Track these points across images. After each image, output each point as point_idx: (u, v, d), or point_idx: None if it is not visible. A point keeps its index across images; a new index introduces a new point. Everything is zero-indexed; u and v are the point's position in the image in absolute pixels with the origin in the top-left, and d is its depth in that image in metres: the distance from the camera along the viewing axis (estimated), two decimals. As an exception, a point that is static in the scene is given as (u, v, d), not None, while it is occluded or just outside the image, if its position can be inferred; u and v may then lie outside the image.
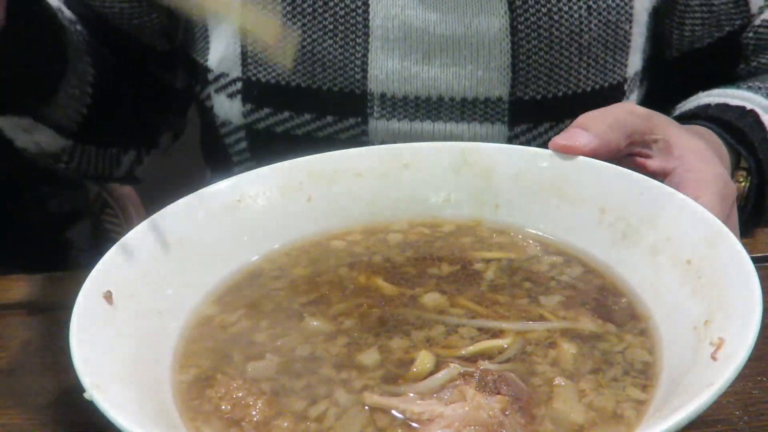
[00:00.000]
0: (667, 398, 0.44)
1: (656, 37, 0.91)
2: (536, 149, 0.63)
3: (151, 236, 0.56)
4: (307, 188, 0.64)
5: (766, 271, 0.50)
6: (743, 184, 0.81)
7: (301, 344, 0.53)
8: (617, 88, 0.88)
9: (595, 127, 0.63)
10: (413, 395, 0.48)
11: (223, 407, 0.48)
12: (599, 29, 0.84)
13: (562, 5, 0.83)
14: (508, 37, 0.83)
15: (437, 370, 0.49)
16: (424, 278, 0.59)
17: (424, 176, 0.66)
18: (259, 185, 0.63)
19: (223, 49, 0.87)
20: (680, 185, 0.60)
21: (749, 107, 0.85)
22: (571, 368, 0.50)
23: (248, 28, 0.67)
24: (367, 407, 0.47)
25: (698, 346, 0.45)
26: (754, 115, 0.84)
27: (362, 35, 0.83)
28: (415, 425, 0.46)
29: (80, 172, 0.93)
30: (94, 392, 0.41)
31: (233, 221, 0.61)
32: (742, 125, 0.83)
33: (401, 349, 0.52)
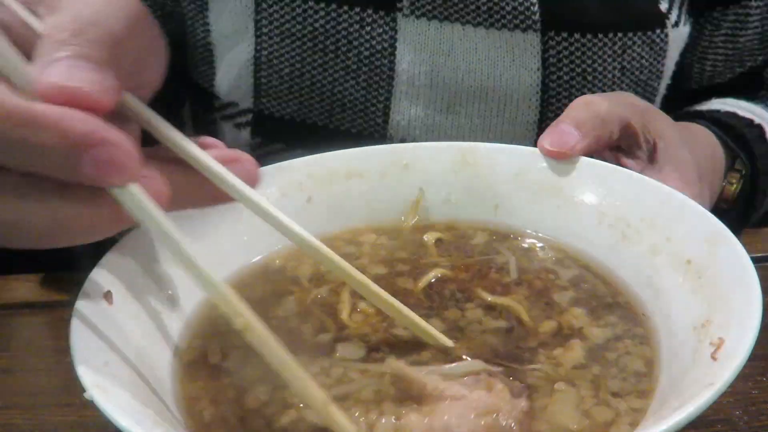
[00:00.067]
0: (667, 398, 0.44)
1: (676, 71, 0.89)
2: (536, 149, 0.63)
3: (151, 236, 0.56)
4: (307, 188, 0.64)
5: (766, 271, 0.50)
6: (735, 187, 0.81)
7: (305, 341, 0.53)
8: None
9: (584, 123, 0.62)
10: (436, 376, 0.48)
11: (223, 407, 0.48)
12: (629, 89, 0.82)
13: (596, 66, 0.80)
14: (538, 93, 0.81)
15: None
16: (426, 274, 0.59)
17: (424, 176, 0.66)
18: (258, 185, 0.63)
19: (233, 78, 0.84)
20: None
21: (757, 122, 0.84)
22: (570, 368, 0.50)
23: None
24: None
25: (698, 346, 0.45)
26: (760, 129, 0.83)
27: (387, 78, 0.81)
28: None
29: None
30: (94, 392, 0.41)
31: (233, 221, 0.61)
32: (745, 132, 0.82)
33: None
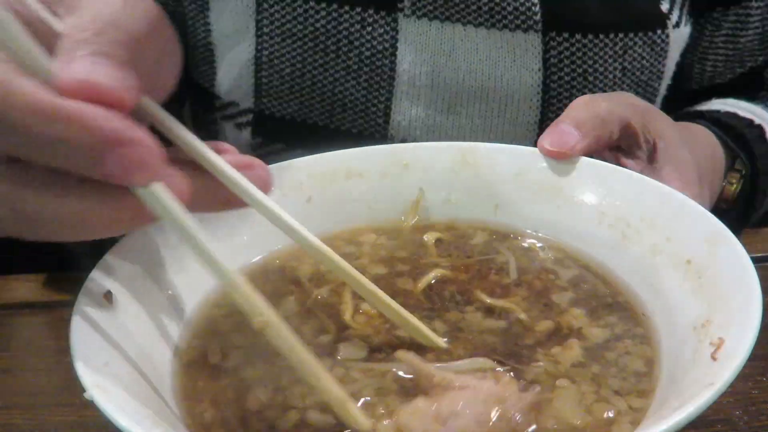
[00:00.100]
0: (667, 398, 0.44)
1: (676, 71, 0.89)
2: (536, 149, 0.63)
3: (150, 236, 0.56)
4: (307, 188, 0.64)
5: (766, 271, 0.50)
6: (735, 187, 0.81)
7: (306, 342, 0.53)
8: None
9: (584, 123, 0.62)
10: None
11: (224, 406, 0.48)
12: (630, 89, 0.82)
13: (597, 66, 0.80)
14: (539, 94, 0.81)
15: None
16: (426, 275, 0.59)
17: (424, 176, 0.66)
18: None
19: (234, 78, 0.84)
20: None
21: (757, 122, 0.84)
22: (569, 366, 0.50)
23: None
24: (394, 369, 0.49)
25: (698, 346, 0.45)
26: (760, 129, 0.83)
27: (387, 79, 0.80)
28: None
29: None
30: (94, 392, 0.41)
31: (233, 221, 0.61)
32: (745, 132, 0.82)
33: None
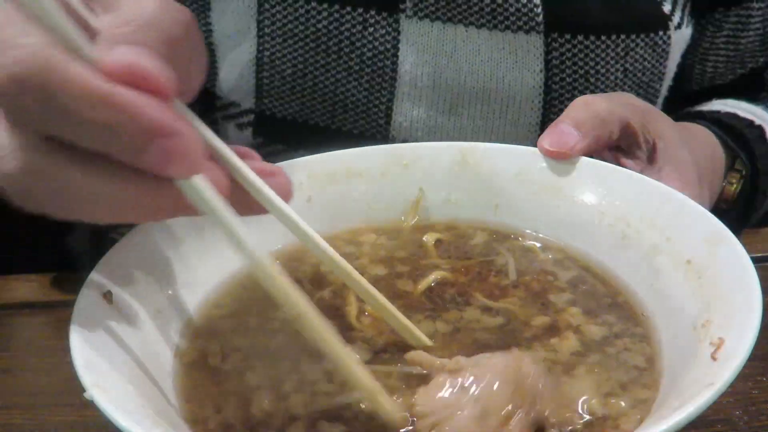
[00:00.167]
0: (667, 398, 0.44)
1: (677, 72, 0.89)
2: (536, 149, 0.63)
3: (151, 236, 0.56)
4: (307, 188, 0.64)
5: (766, 271, 0.50)
6: (735, 187, 0.81)
7: (308, 344, 0.53)
8: None
9: (584, 123, 0.62)
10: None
11: (224, 406, 0.48)
12: (632, 90, 0.82)
13: (599, 68, 0.80)
14: (541, 95, 0.80)
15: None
16: (426, 276, 0.59)
17: (424, 176, 0.66)
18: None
19: (235, 78, 0.84)
20: None
21: (758, 122, 0.84)
22: (568, 355, 0.50)
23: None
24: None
25: (698, 346, 0.45)
26: (760, 130, 0.83)
27: (389, 80, 0.80)
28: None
29: None
30: (94, 392, 0.41)
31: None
32: (745, 132, 0.82)
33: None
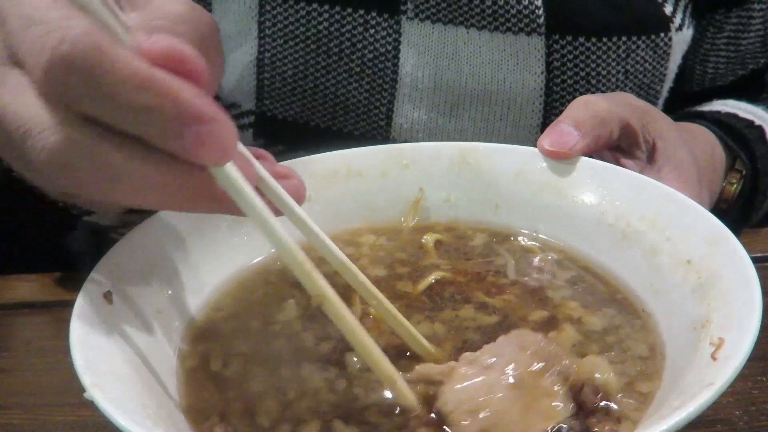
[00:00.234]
0: (667, 398, 0.44)
1: (678, 73, 0.88)
2: (536, 149, 0.63)
3: (151, 236, 0.56)
4: (307, 188, 0.64)
5: (766, 271, 0.50)
6: (735, 187, 0.81)
7: (308, 347, 0.53)
8: None
9: (584, 123, 0.62)
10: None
11: (225, 406, 0.48)
12: (633, 92, 0.82)
13: (600, 69, 0.80)
14: (542, 97, 0.80)
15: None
16: (426, 277, 0.59)
17: (424, 176, 0.66)
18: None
19: (236, 79, 0.83)
20: None
21: (758, 123, 0.84)
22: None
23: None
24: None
25: (698, 346, 0.45)
26: (760, 130, 0.83)
27: (390, 81, 0.80)
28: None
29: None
30: (94, 392, 0.41)
31: (234, 221, 0.61)
32: (745, 133, 0.82)
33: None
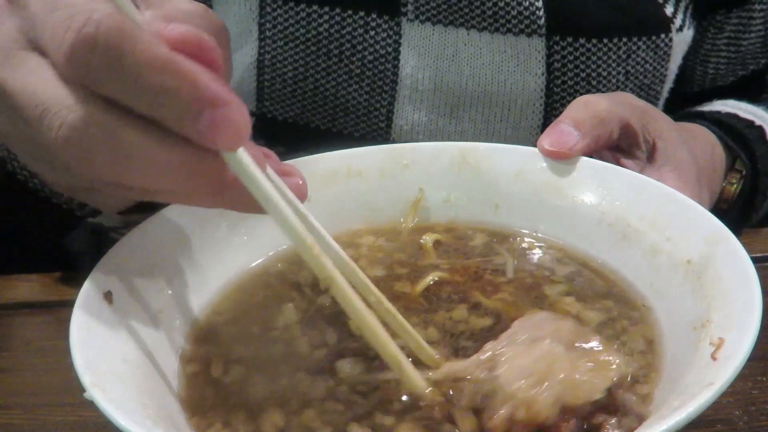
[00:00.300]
0: (667, 398, 0.44)
1: (678, 74, 0.88)
2: (536, 149, 0.63)
3: (151, 236, 0.56)
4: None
5: (766, 271, 0.50)
6: (735, 187, 0.81)
7: (307, 350, 0.53)
8: None
9: (583, 123, 0.62)
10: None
11: (228, 412, 0.48)
12: (633, 93, 0.82)
13: (601, 70, 0.80)
14: (542, 98, 0.80)
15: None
16: (424, 277, 0.59)
17: (424, 176, 0.66)
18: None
19: (236, 81, 0.83)
20: None
21: (758, 123, 0.84)
22: None
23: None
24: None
25: (698, 346, 0.45)
26: (760, 130, 0.83)
27: (390, 83, 0.80)
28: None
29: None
30: (94, 392, 0.41)
31: (234, 221, 0.61)
32: (745, 133, 0.82)
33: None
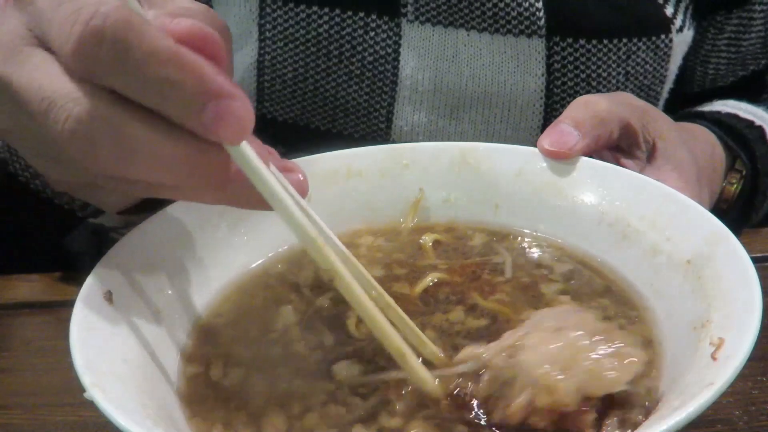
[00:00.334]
0: (667, 398, 0.44)
1: (678, 74, 0.88)
2: (536, 149, 0.63)
3: (151, 236, 0.56)
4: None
5: (766, 271, 0.50)
6: (735, 187, 0.81)
7: (306, 353, 0.53)
8: None
9: (583, 123, 0.62)
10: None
11: (225, 406, 0.48)
12: (633, 93, 0.81)
13: (601, 71, 0.80)
14: (542, 99, 0.80)
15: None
16: (423, 278, 0.59)
17: (424, 176, 0.66)
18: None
19: (236, 81, 0.81)
20: None
21: (758, 123, 0.84)
22: None
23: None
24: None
25: (698, 346, 0.45)
26: (760, 130, 0.83)
27: (390, 84, 0.81)
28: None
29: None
30: (94, 392, 0.41)
31: (234, 221, 0.61)
32: (745, 133, 0.82)
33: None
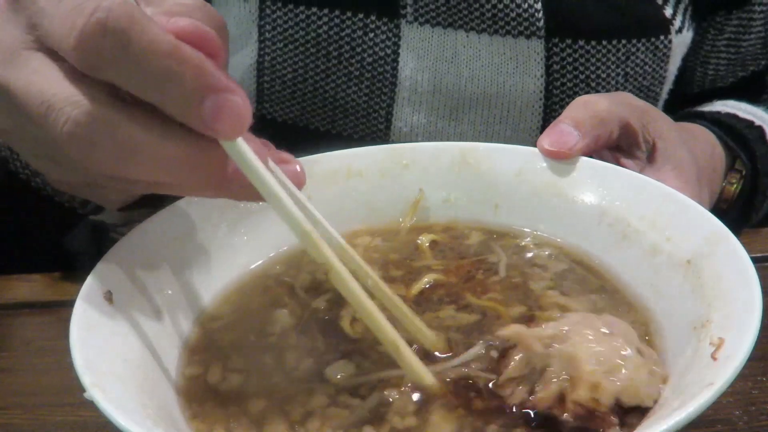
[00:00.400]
0: (667, 398, 0.44)
1: (678, 75, 0.88)
2: (536, 149, 0.63)
3: (151, 236, 0.56)
4: (307, 188, 0.64)
5: (766, 271, 0.50)
6: (735, 187, 0.81)
7: (304, 354, 0.53)
8: None
9: (583, 123, 0.62)
10: None
11: (224, 405, 0.48)
12: (633, 94, 0.80)
13: (600, 72, 0.80)
14: (541, 100, 0.80)
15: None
16: (418, 279, 0.59)
17: (424, 176, 0.66)
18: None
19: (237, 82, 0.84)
20: None
21: (758, 123, 0.84)
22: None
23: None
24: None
25: (698, 346, 0.45)
26: (760, 130, 0.83)
27: (389, 85, 0.81)
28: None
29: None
30: (94, 392, 0.41)
31: (234, 222, 0.61)
32: (745, 133, 0.82)
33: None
